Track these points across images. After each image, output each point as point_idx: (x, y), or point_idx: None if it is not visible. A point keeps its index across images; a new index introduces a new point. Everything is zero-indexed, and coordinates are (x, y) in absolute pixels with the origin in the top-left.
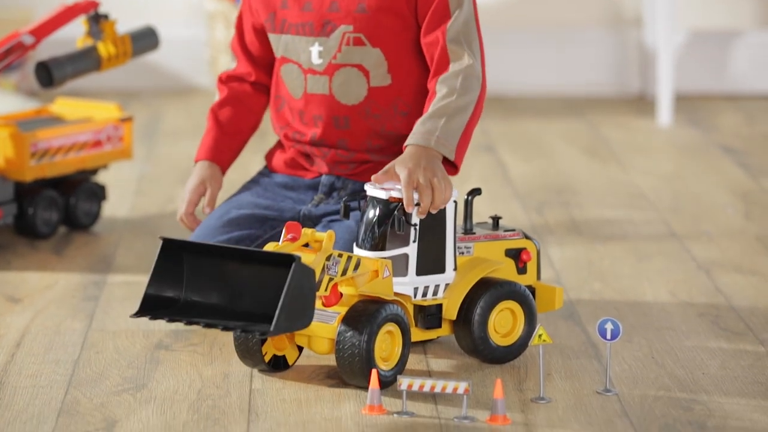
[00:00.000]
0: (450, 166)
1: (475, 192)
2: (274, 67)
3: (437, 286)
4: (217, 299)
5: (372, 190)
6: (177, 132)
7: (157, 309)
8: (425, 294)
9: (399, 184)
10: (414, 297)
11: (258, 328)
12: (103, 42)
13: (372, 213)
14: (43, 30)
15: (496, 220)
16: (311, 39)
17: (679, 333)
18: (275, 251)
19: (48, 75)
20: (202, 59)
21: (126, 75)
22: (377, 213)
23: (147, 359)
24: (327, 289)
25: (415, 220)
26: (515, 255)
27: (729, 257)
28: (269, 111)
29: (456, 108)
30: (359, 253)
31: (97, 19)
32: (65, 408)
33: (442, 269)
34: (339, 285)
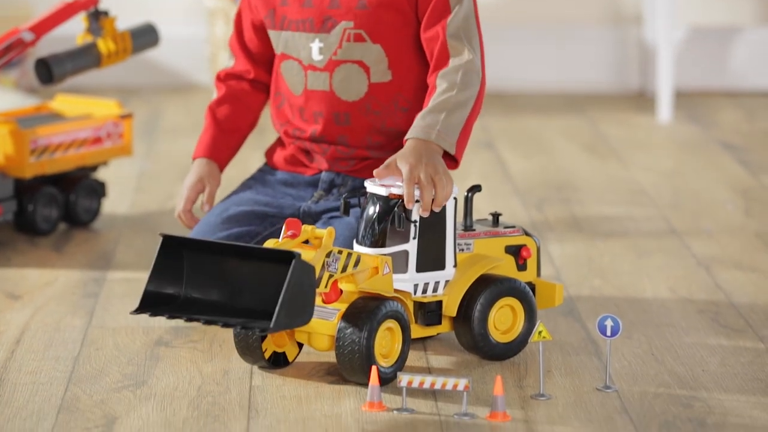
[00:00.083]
0: (450, 160)
1: (475, 189)
2: (272, 65)
3: (437, 282)
4: (217, 296)
5: (372, 186)
6: (177, 129)
7: (157, 306)
8: (425, 291)
9: (399, 179)
10: (414, 294)
11: (258, 324)
12: (103, 39)
13: (372, 210)
14: (43, 27)
15: (496, 216)
16: (311, 35)
17: (679, 330)
18: (275, 248)
19: (48, 72)
20: (202, 56)
21: (126, 72)
22: (377, 210)
23: (147, 356)
24: (327, 286)
25: (415, 216)
26: (515, 252)
27: (729, 254)
28: (269, 108)
29: (456, 103)
30: (359, 250)
31: (97, 16)
32: (65, 405)
33: (442, 266)
34: (339, 282)
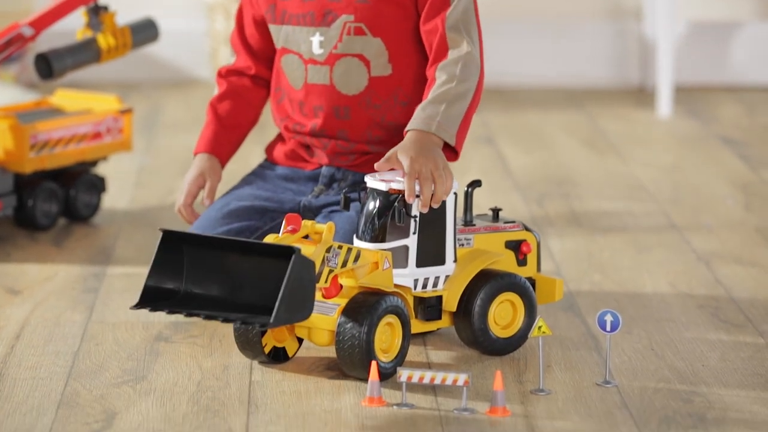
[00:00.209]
0: (450, 151)
1: (476, 184)
2: (274, 60)
3: (437, 277)
4: (217, 291)
5: (372, 181)
6: (177, 124)
7: (157, 301)
8: (425, 286)
9: (400, 174)
10: (414, 289)
11: (258, 319)
12: (103, 34)
13: (372, 205)
14: (43, 21)
15: (496, 211)
16: (312, 29)
17: (679, 325)
18: (275, 243)
19: (48, 67)
20: (201, 51)
21: (126, 67)
22: (377, 205)
23: (147, 351)
24: (327, 281)
25: (415, 211)
26: (515, 247)
27: (729, 249)
28: (270, 104)
29: (456, 94)
30: (359, 245)
31: (97, 11)
32: (65, 400)
33: (442, 261)
34: (339, 277)
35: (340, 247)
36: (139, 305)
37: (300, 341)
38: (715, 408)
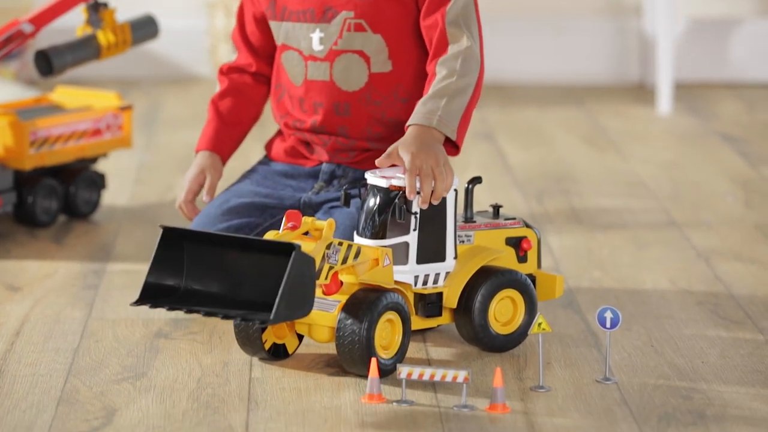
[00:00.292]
0: (451, 146)
1: (476, 180)
2: (274, 57)
3: (437, 274)
4: (218, 288)
5: (372, 178)
6: (176, 121)
7: (157, 297)
8: (425, 282)
9: (400, 170)
10: (414, 285)
11: (258, 316)
12: (103, 30)
13: (372, 201)
14: (43, 18)
15: (496, 208)
16: (312, 25)
17: (679, 321)
18: (275, 240)
19: (47, 63)
20: (201, 48)
21: (125, 63)
22: (377, 201)
23: (146, 348)
24: (327, 278)
25: (416, 208)
26: (516, 243)
27: (728, 245)
28: (270, 101)
29: (456, 89)
30: (359, 242)
31: (97, 8)
32: (65, 396)
33: (442, 258)
34: (339, 273)
35: (340, 244)
36: (139, 302)
37: (300, 338)
38: (715, 405)
